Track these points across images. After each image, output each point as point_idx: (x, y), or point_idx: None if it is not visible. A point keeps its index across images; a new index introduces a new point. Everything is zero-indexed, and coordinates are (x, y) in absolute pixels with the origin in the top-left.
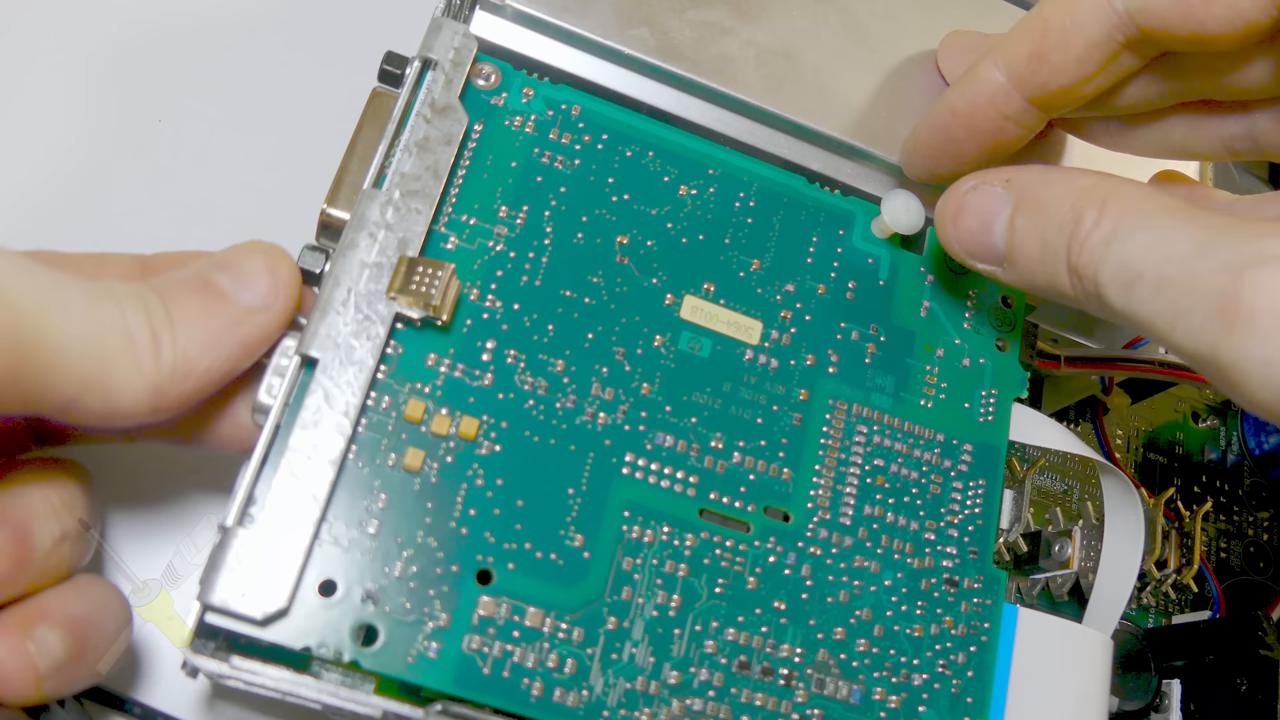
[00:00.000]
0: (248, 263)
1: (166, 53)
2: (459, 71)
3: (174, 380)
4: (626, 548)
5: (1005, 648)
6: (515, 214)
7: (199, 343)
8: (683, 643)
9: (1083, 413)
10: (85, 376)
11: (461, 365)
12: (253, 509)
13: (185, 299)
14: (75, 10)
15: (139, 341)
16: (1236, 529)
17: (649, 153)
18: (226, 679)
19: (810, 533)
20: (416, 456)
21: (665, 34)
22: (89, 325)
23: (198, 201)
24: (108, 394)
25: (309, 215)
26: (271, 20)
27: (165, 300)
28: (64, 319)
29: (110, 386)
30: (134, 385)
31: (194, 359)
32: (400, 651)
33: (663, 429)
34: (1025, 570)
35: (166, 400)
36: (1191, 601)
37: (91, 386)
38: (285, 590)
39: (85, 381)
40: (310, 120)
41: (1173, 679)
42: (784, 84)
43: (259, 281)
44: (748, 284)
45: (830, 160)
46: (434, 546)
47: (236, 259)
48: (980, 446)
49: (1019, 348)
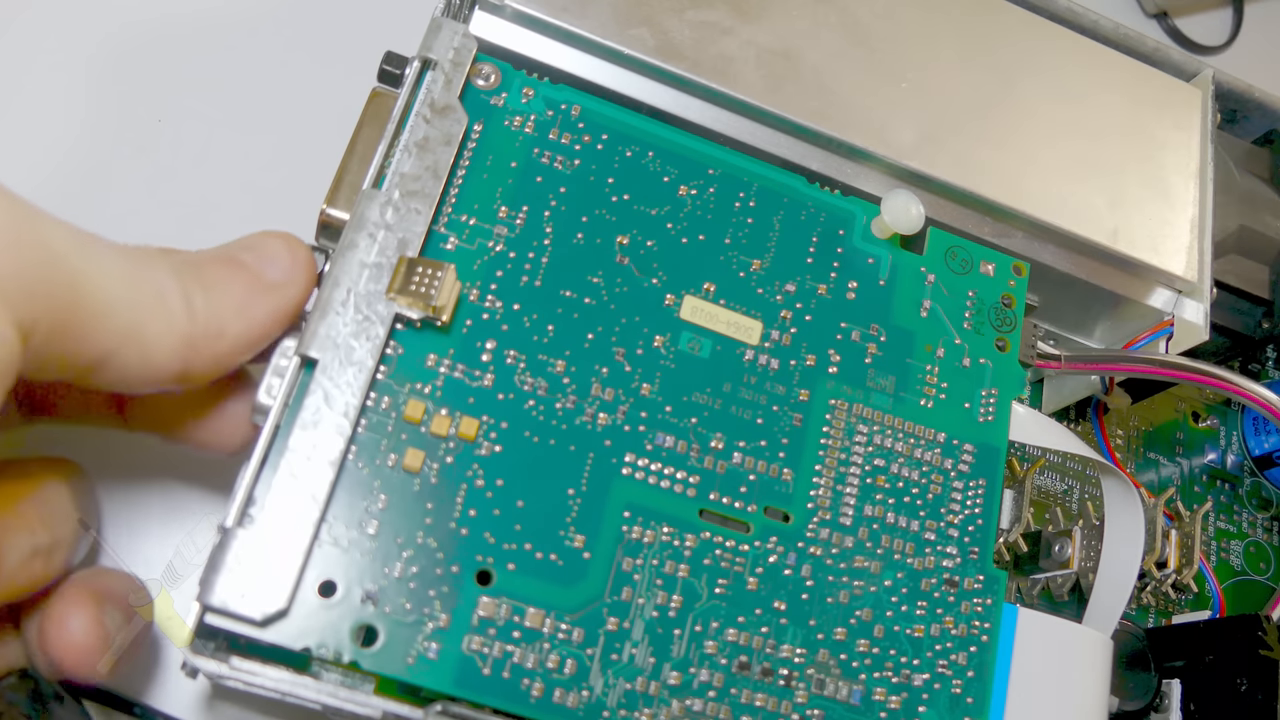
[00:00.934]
0: (268, 244)
1: (166, 53)
2: (459, 71)
3: (207, 338)
4: (626, 548)
5: (1005, 648)
6: (515, 214)
7: (231, 306)
8: (683, 643)
9: (1083, 413)
10: (122, 330)
11: (461, 366)
12: (252, 509)
13: (213, 268)
14: (75, 10)
15: (172, 299)
16: (1236, 529)
17: (649, 153)
18: (226, 679)
19: (810, 533)
20: (416, 457)
21: (665, 34)
22: (127, 281)
23: (198, 201)
24: (143, 349)
25: (309, 215)
26: (271, 20)
27: (195, 266)
28: (105, 275)
29: (145, 341)
30: (168, 341)
31: (226, 321)
32: (400, 652)
33: (663, 429)
34: (1025, 570)
35: (199, 359)
36: (1191, 601)
37: (128, 341)
38: (285, 591)
39: (122, 336)
40: (310, 120)
41: (1173, 679)
42: (784, 84)
43: (281, 259)
44: (748, 284)
45: (830, 160)
46: (434, 547)
47: (255, 240)
48: (980, 446)
49: (1019, 348)
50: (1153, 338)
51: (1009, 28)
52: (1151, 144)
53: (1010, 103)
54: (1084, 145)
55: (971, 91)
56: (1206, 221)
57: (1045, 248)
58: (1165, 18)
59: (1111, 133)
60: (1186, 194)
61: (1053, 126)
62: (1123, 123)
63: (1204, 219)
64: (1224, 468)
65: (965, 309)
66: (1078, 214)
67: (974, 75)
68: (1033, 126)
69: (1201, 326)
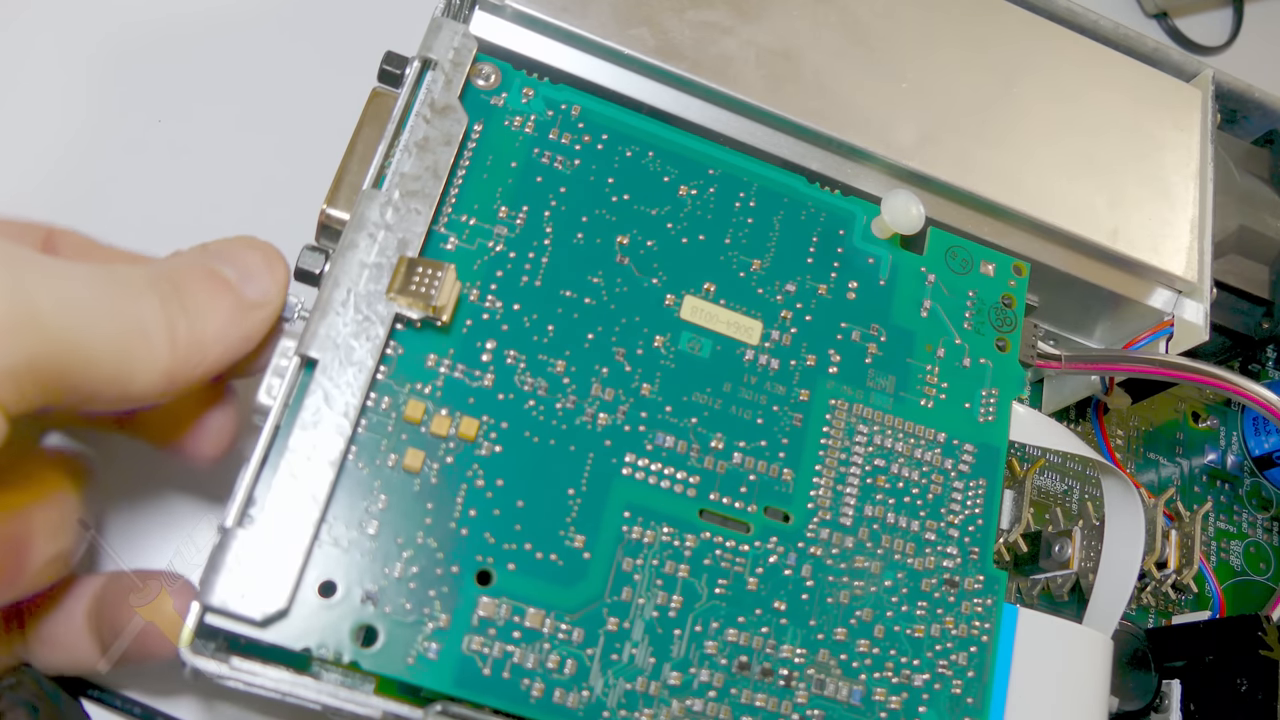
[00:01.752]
0: (248, 257)
1: (167, 52)
2: (459, 71)
3: (186, 368)
4: (626, 548)
5: (1005, 648)
6: (515, 214)
7: (211, 332)
8: (683, 643)
9: (1083, 413)
10: (109, 375)
11: (461, 366)
12: (252, 510)
13: (196, 288)
14: (75, 10)
15: (156, 335)
16: (1236, 529)
17: (649, 153)
18: (226, 679)
19: (811, 533)
20: (416, 457)
21: (665, 34)
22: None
23: (198, 201)
24: (125, 386)
25: (309, 215)
26: (271, 20)
27: (178, 289)
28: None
29: (129, 380)
30: (150, 376)
31: (206, 348)
32: (400, 652)
33: (663, 429)
34: (1025, 570)
35: (175, 386)
36: (1191, 602)
37: (111, 382)
38: (285, 591)
39: (108, 379)
40: (310, 120)
41: (1173, 679)
42: (784, 84)
43: (261, 278)
44: (748, 284)
45: (830, 160)
46: (434, 547)
47: (236, 253)
48: (980, 446)
49: (1019, 348)
50: (1153, 338)
51: (1009, 28)
52: (1151, 144)
53: (1010, 103)
54: (1084, 145)
55: (971, 91)
56: (1206, 221)
57: (1045, 248)
58: (1165, 18)
59: (1111, 133)
60: (1186, 194)
61: (1052, 126)
62: (1123, 123)
63: (1204, 219)
64: (1224, 468)
65: (965, 309)
66: (1078, 214)
67: (974, 75)
68: (1033, 126)
69: (1201, 326)
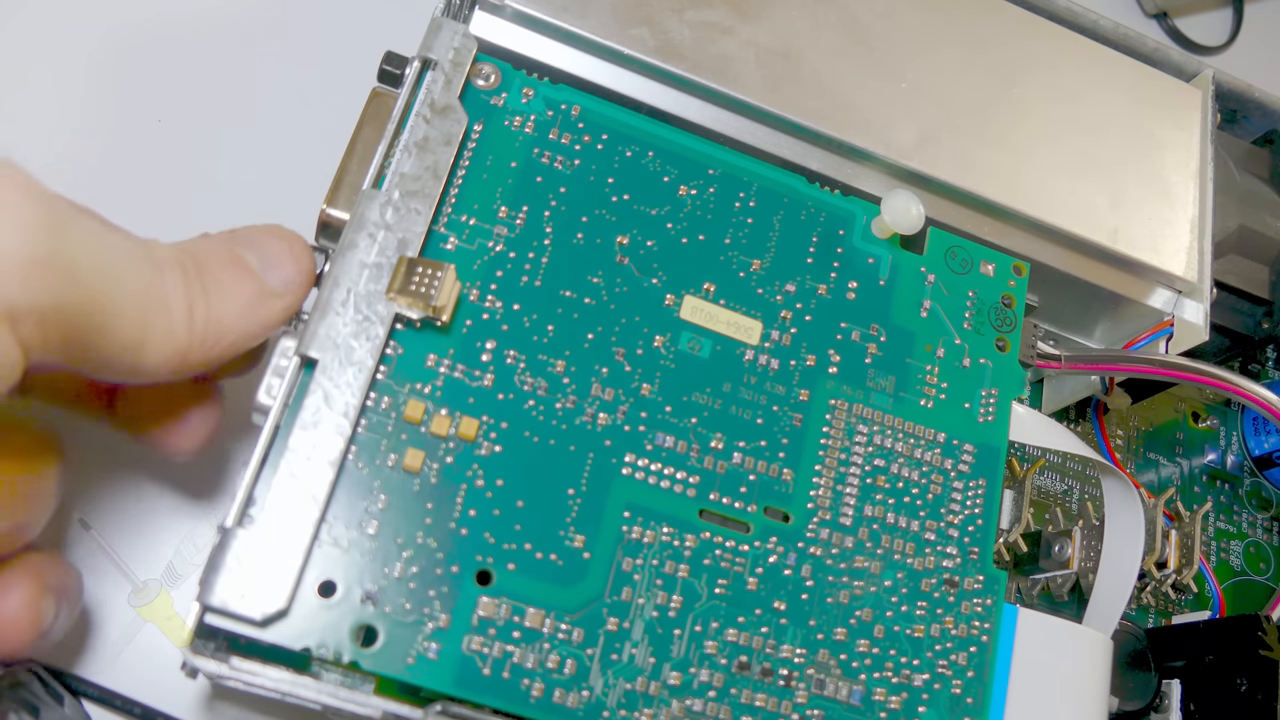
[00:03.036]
0: (274, 246)
1: (166, 52)
2: (459, 71)
3: (202, 348)
4: (626, 548)
5: (1005, 648)
6: (515, 214)
7: (231, 315)
8: (683, 643)
9: (1083, 413)
10: (126, 341)
11: (461, 366)
12: (252, 510)
13: (219, 271)
14: (74, 9)
15: (177, 310)
16: (1236, 529)
17: (649, 153)
18: (226, 679)
19: (810, 533)
20: (416, 457)
21: (665, 34)
22: (138, 296)
23: (198, 201)
24: (140, 356)
25: (309, 215)
26: (271, 20)
27: (201, 270)
28: (118, 289)
29: (145, 349)
30: (165, 350)
31: (223, 331)
32: (400, 652)
33: (663, 429)
34: (1025, 570)
35: (188, 366)
36: (1191, 602)
37: (127, 350)
38: (285, 591)
39: (125, 345)
40: (310, 120)
41: (1173, 679)
42: (784, 84)
43: (285, 267)
44: (748, 284)
45: (830, 160)
46: (434, 547)
47: (262, 240)
48: (980, 446)
49: (1019, 348)
50: (1153, 338)
51: (1009, 28)
52: (1151, 144)
53: (1010, 103)
54: (1084, 145)
55: (971, 91)
56: (1206, 221)
57: (1045, 248)
58: (1165, 18)
59: (1111, 132)
60: (1186, 194)
61: (1052, 126)
62: (1123, 123)
63: (1204, 219)
64: (1224, 468)
65: (965, 309)
66: (1077, 214)
67: (974, 75)
68: (1033, 126)
69: (1201, 326)
